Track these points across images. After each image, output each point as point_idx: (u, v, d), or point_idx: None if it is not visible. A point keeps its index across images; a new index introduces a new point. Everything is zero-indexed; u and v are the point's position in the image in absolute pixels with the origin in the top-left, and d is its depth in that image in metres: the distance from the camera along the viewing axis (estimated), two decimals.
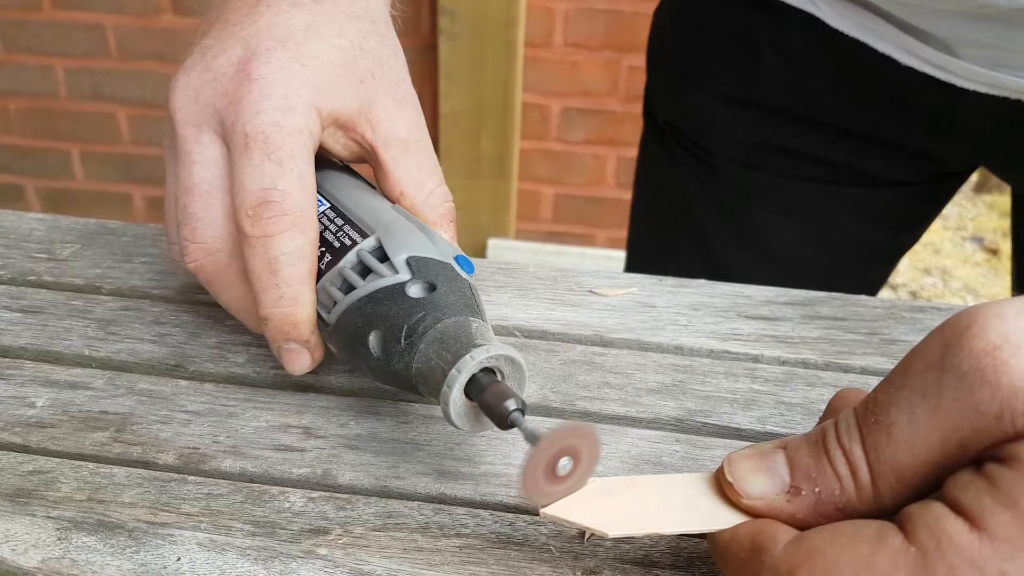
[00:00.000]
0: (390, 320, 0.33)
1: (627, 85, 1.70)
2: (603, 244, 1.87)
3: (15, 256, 0.47)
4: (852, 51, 0.56)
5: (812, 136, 0.62)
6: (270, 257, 0.34)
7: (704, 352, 0.42)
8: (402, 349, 0.32)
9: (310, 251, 0.35)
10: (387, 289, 0.33)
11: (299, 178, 0.34)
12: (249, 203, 0.34)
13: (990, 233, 2.28)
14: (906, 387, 0.25)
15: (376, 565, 0.30)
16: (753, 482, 0.27)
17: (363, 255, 0.35)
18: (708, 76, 0.64)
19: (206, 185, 0.35)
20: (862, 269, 0.70)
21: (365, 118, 0.38)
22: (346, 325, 0.34)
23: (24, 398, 0.38)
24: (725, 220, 0.67)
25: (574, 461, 0.28)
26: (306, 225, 0.34)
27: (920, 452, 0.25)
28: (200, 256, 0.36)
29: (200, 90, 0.36)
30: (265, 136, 0.34)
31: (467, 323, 0.32)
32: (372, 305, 0.33)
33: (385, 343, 0.33)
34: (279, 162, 0.34)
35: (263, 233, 0.34)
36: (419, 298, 0.33)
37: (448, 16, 1.63)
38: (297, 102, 0.35)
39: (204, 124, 0.36)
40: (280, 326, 0.35)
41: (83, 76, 1.83)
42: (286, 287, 0.34)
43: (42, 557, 0.30)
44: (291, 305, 0.35)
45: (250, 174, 0.34)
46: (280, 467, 0.35)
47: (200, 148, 0.36)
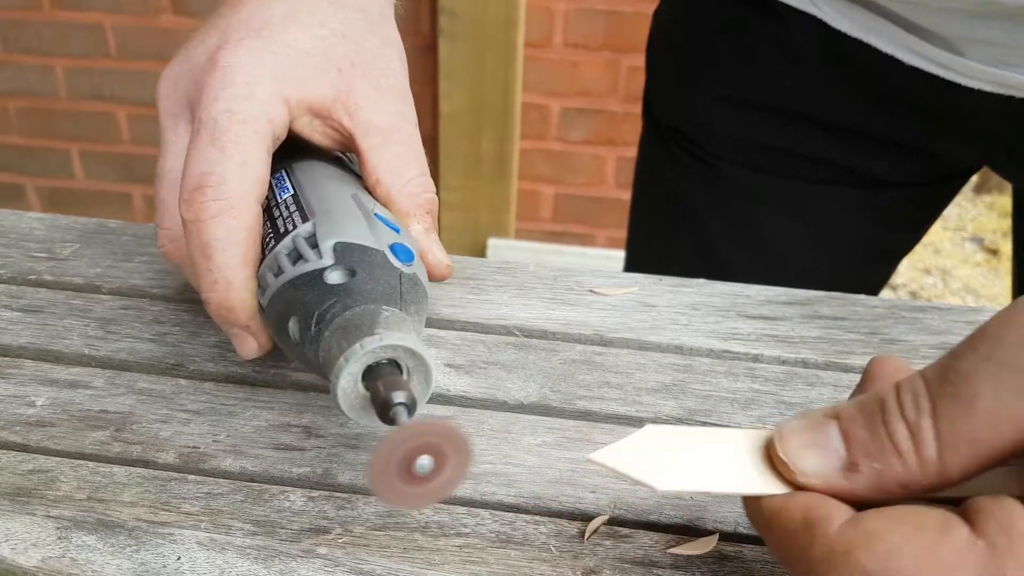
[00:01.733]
0: (305, 307, 0.32)
1: (627, 85, 1.70)
2: (603, 244, 1.87)
3: (15, 255, 0.47)
4: (854, 52, 0.56)
5: (813, 137, 0.62)
6: (203, 242, 0.34)
7: (704, 352, 0.42)
8: (311, 337, 0.31)
9: (244, 237, 0.34)
10: (307, 275, 0.33)
11: (239, 164, 0.34)
12: (187, 188, 0.34)
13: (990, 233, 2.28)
14: (995, 359, 0.24)
15: (376, 564, 0.30)
16: (807, 459, 0.25)
17: (297, 240, 0.34)
18: (709, 77, 0.64)
19: (175, 173, 0.36)
20: (863, 270, 0.70)
21: (342, 106, 0.37)
22: (273, 310, 0.34)
23: (24, 397, 0.38)
24: (726, 222, 0.67)
25: (437, 462, 0.25)
26: (239, 211, 0.34)
27: (1003, 427, 0.23)
28: (166, 242, 0.37)
29: (178, 80, 0.37)
30: (215, 122, 0.34)
31: (376, 311, 0.31)
32: (292, 291, 0.33)
33: (301, 330, 0.32)
34: (221, 148, 0.34)
35: (195, 217, 0.34)
36: (334, 285, 0.32)
37: (448, 16, 1.63)
38: (258, 90, 0.35)
39: (180, 113, 0.37)
40: (217, 311, 0.35)
41: (83, 76, 1.83)
42: (219, 272, 0.34)
43: (42, 556, 0.30)
44: (225, 290, 0.34)
45: (193, 159, 0.34)
46: (280, 466, 0.34)
47: (175, 137, 0.37)
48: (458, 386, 0.39)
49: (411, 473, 0.25)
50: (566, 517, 0.33)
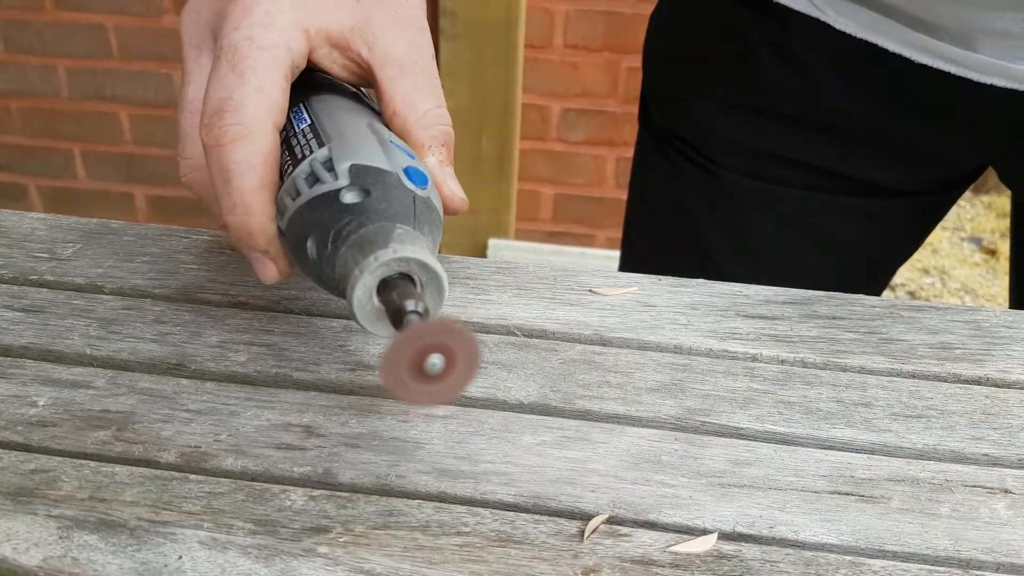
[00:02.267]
0: (322, 226, 0.33)
1: (627, 86, 1.70)
2: (603, 244, 1.87)
3: (17, 256, 0.47)
4: (859, 54, 0.55)
5: (813, 144, 0.61)
6: (222, 166, 0.35)
7: (703, 351, 0.42)
8: (328, 254, 0.32)
9: (261, 162, 0.35)
10: (324, 196, 0.33)
11: (257, 91, 0.35)
12: (207, 113, 0.35)
13: (988, 234, 2.28)
14: None
15: (377, 563, 0.31)
16: None
17: (314, 164, 0.34)
18: (708, 82, 0.63)
19: (197, 103, 0.37)
20: (861, 279, 0.69)
21: (360, 36, 0.38)
22: (291, 232, 0.34)
23: (26, 397, 0.38)
24: (723, 229, 0.66)
25: (447, 361, 0.26)
26: (257, 136, 0.35)
27: None
28: (188, 171, 0.38)
29: (200, 11, 0.37)
30: (235, 49, 0.35)
31: (390, 228, 0.32)
32: (310, 211, 0.34)
33: (318, 249, 0.33)
34: (240, 74, 0.35)
35: (215, 142, 0.34)
36: (350, 204, 0.33)
37: (449, 17, 1.64)
38: (279, 19, 0.36)
39: (203, 44, 0.37)
40: (237, 234, 0.36)
41: (85, 76, 1.83)
42: (238, 196, 0.35)
43: (43, 556, 0.31)
44: (243, 214, 0.35)
45: (213, 85, 0.35)
46: (281, 466, 0.35)
47: (197, 67, 0.37)
48: None
49: (423, 372, 0.26)
50: (566, 516, 0.33)
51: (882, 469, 0.36)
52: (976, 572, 0.32)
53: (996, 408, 0.39)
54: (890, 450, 0.37)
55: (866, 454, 0.36)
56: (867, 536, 0.33)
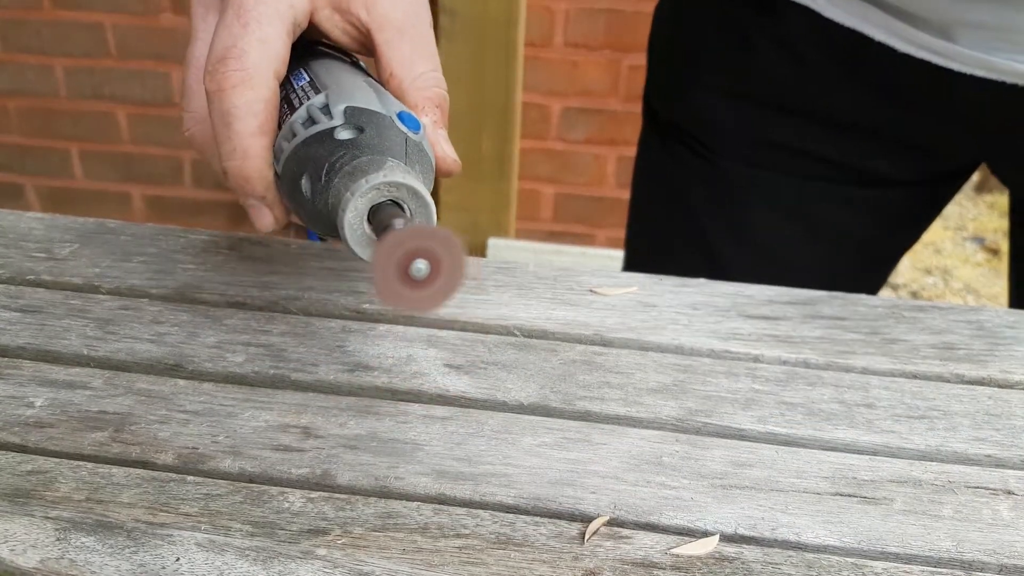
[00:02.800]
0: (317, 161, 0.34)
1: (627, 85, 1.70)
2: (603, 244, 1.87)
3: (14, 255, 0.47)
4: (849, 43, 0.56)
5: (812, 132, 0.62)
6: (223, 110, 0.36)
7: (705, 352, 0.42)
8: (322, 187, 0.33)
9: (262, 108, 0.36)
10: (319, 134, 0.34)
11: (260, 40, 0.36)
12: (211, 60, 0.36)
13: (991, 233, 2.28)
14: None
15: (375, 566, 0.30)
16: None
17: (311, 109, 0.36)
18: (707, 72, 0.64)
19: (202, 60, 0.38)
20: (862, 269, 0.70)
21: (360, 0, 0.39)
22: (287, 171, 0.35)
23: (23, 398, 0.38)
24: (723, 218, 0.67)
25: (432, 266, 0.27)
26: (258, 82, 0.36)
27: None
28: (191, 124, 0.39)
29: None
30: (241, 2, 0.36)
31: (382, 159, 0.32)
32: (305, 149, 0.34)
33: (312, 184, 0.34)
34: (245, 24, 0.36)
35: (218, 87, 0.35)
36: (344, 139, 0.34)
37: (448, 16, 1.63)
38: None
39: (211, 5, 0.39)
40: (235, 180, 0.36)
41: (83, 75, 1.83)
42: (237, 140, 0.36)
43: (41, 557, 0.30)
44: (242, 158, 0.36)
45: (218, 35, 0.36)
46: (279, 467, 0.34)
47: (204, 26, 0.39)
48: (458, 386, 0.39)
49: (409, 276, 0.27)
50: (566, 518, 0.33)
51: (884, 470, 0.35)
52: (979, 574, 0.31)
53: (999, 409, 0.39)
54: (892, 451, 0.36)
55: (868, 455, 0.36)
56: (869, 538, 0.32)
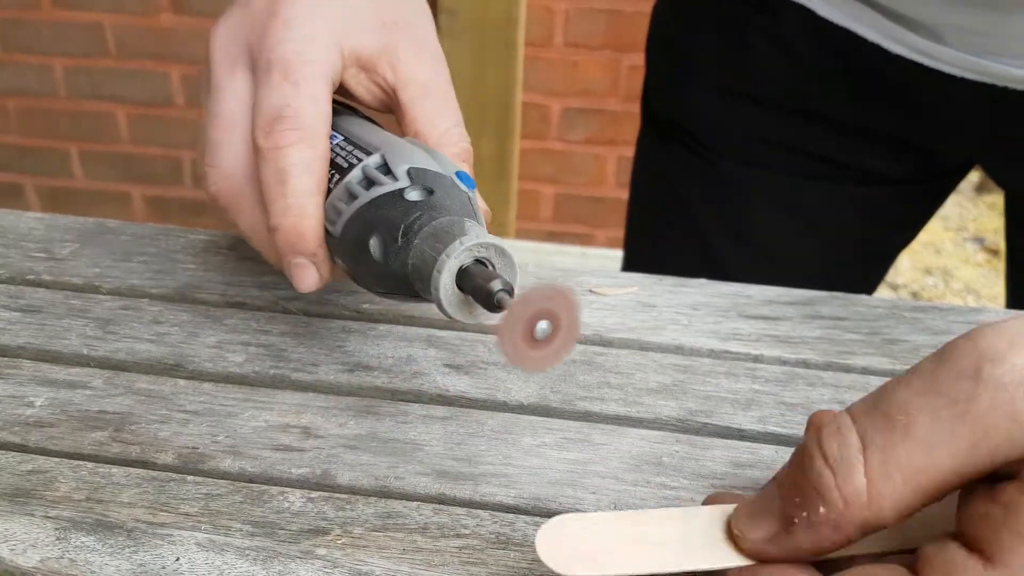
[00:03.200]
0: (389, 222, 0.34)
1: (627, 85, 1.70)
2: (603, 244, 1.87)
3: (14, 255, 0.47)
4: (843, 42, 0.56)
5: (808, 131, 0.62)
6: (280, 168, 0.35)
7: (705, 352, 0.42)
8: (399, 248, 0.33)
9: (319, 166, 0.36)
10: (387, 195, 0.34)
11: (312, 98, 0.36)
12: (264, 119, 0.36)
13: (991, 234, 2.28)
14: (931, 392, 0.24)
15: (375, 565, 0.30)
16: (752, 527, 0.26)
17: (368, 169, 0.36)
18: (705, 71, 0.64)
19: (230, 114, 0.38)
20: (859, 267, 0.70)
21: (387, 60, 0.39)
22: (350, 234, 0.35)
23: (23, 397, 0.38)
24: (721, 216, 0.67)
25: (553, 325, 0.27)
26: (315, 140, 0.36)
27: (938, 453, 0.24)
28: (218, 180, 0.38)
29: (235, 30, 0.38)
30: (285, 61, 0.36)
31: (461, 221, 0.33)
32: (373, 211, 0.34)
33: (384, 245, 0.34)
34: (295, 83, 0.36)
35: (274, 145, 0.35)
36: (416, 201, 0.34)
37: (448, 15, 1.63)
38: (319, 36, 0.37)
39: (238, 60, 0.38)
40: (287, 236, 0.36)
41: (82, 75, 1.83)
42: (293, 198, 0.36)
43: (40, 557, 0.30)
44: (298, 216, 0.36)
45: (267, 95, 0.36)
46: (279, 467, 0.34)
47: (231, 81, 0.38)
48: (458, 386, 0.39)
49: (534, 339, 0.27)
50: None
51: None
52: None
53: None
54: None
55: None
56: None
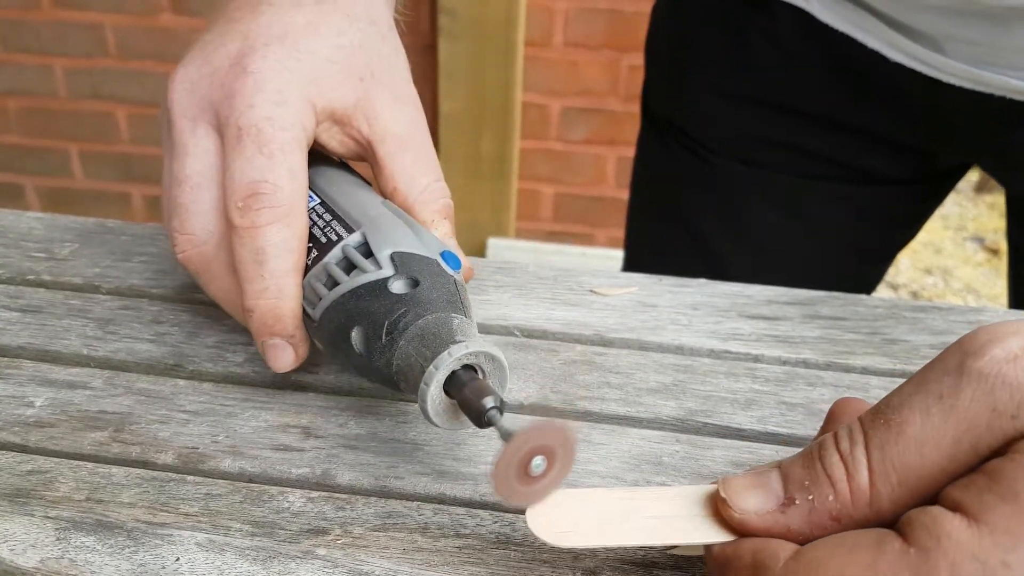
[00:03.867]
0: (372, 316, 0.33)
1: (627, 85, 1.70)
2: (603, 243, 1.87)
3: (14, 255, 0.47)
4: (842, 46, 0.57)
5: (806, 132, 0.62)
6: (257, 248, 0.34)
7: (705, 352, 0.42)
8: (383, 346, 0.32)
9: (297, 244, 0.35)
10: (369, 285, 0.33)
11: (289, 172, 0.35)
12: (239, 194, 0.34)
13: (991, 233, 2.28)
14: (921, 391, 0.25)
15: (375, 565, 0.30)
16: (746, 497, 0.27)
17: (348, 250, 0.34)
18: (703, 71, 0.64)
19: (197, 177, 0.36)
20: (858, 266, 0.70)
21: (362, 113, 0.38)
22: (330, 321, 0.34)
23: (23, 398, 0.38)
24: (720, 217, 0.67)
25: (548, 461, 0.27)
26: (294, 219, 0.35)
27: (929, 452, 0.25)
28: (188, 247, 0.37)
29: (197, 83, 0.36)
30: (258, 129, 0.35)
31: (448, 319, 0.32)
32: (355, 301, 0.33)
33: (367, 339, 0.33)
34: (270, 155, 0.34)
35: (251, 224, 0.34)
36: (401, 294, 0.33)
37: (448, 15, 1.63)
38: (290, 96, 0.35)
39: (200, 117, 0.36)
40: (264, 319, 0.35)
41: (82, 75, 1.83)
42: (271, 279, 0.34)
43: (41, 557, 0.30)
44: (276, 298, 0.35)
45: (241, 166, 0.34)
46: (279, 467, 0.34)
47: (195, 140, 0.36)
48: None
49: (528, 474, 0.27)
50: None
51: None
52: None
53: None
54: None
55: None
56: None
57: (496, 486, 0.27)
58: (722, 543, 0.27)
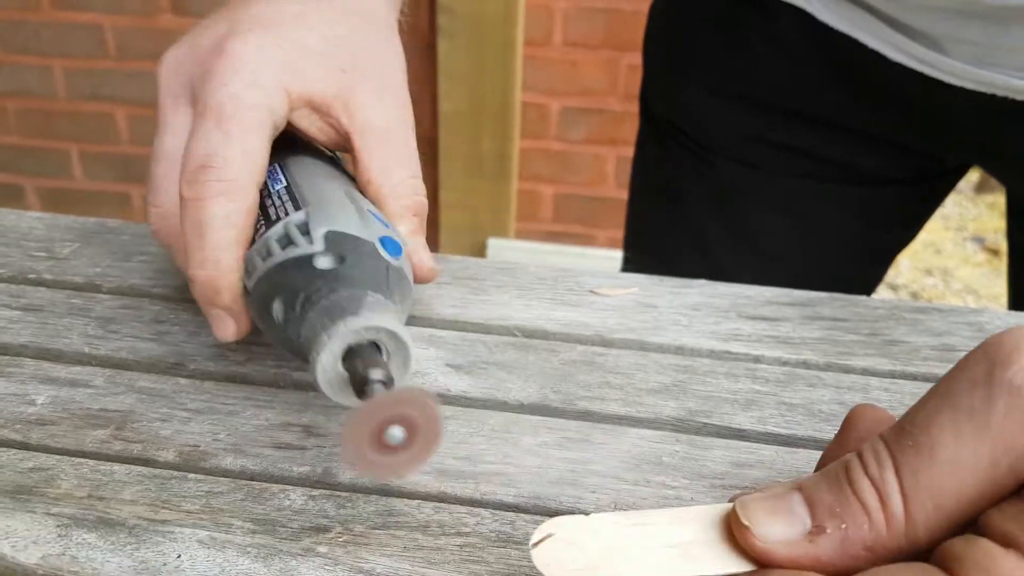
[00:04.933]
0: (292, 289, 0.33)
1: (627, 84, 1.70)
2: (603, 244, 1.87)
3: (15, 255, 0.47)
4: (842, 46, 0.57)
5: (806, 132, 0.62)
6: (199, 220, 0.35)
7: (705, 352, 0.42)
8: (296, 317, 0.32)
9: (239, 219, 0.35)
10: (297, 259, 0.33)
11: (241, 149, 0.35)
12: (190, 167, 0.35)
13: (991, 233, 2.28)
14: (948, 407, 0.23)
15: (376, 563, 0.30)
16: (771, 525, 0.24)
17: (289, 227, 0.34)
18: (701, 71, 0.64)
19: (173, 152, 0.37)
20: (857, 267, 0.70)
21: (342, 104, 0.38)
22: (259, 292, 0.34)
23: (24, 395, 0.38)
24: (719, 217, 0.67)
25: (408, 433, 0.26)
26: (238, 194, 0.35)
27: (965, 476, 0.23)
28: (157, 219, 0.38)
29: (181, 62, 0.37)
30: (220, 106, 0.35)
31: (361, 295, 0.31)
32: (280, 273, 0.33)
33: (284, 311, 0.33)
34: (227, 132, 0.35)
35: (196, 196, 0.34)
36: (324, 270, 0.33)
37: (447, 15, 1.63)
38: (264, 80, 0.36)
39: (180, 95, 0.37)
40: (203, 290, 0.35)
41: (82, 76, 1.83)
42: (210, 251, 0.35)
43: (42, 554, 0.30)
44: (213, 269, 0.35)
45: (197, 141, 0.35)
46: (280, 465, 0.34)
47: (175, 118, 0.37)
48: (458, 386, 0.39)
49: (383, 443, 0.26)
50: None
51: None
52: None
53: None
54: None
55: None
56: None
57: (344, 450, 0.25)
58: (748, 572, 0.25)
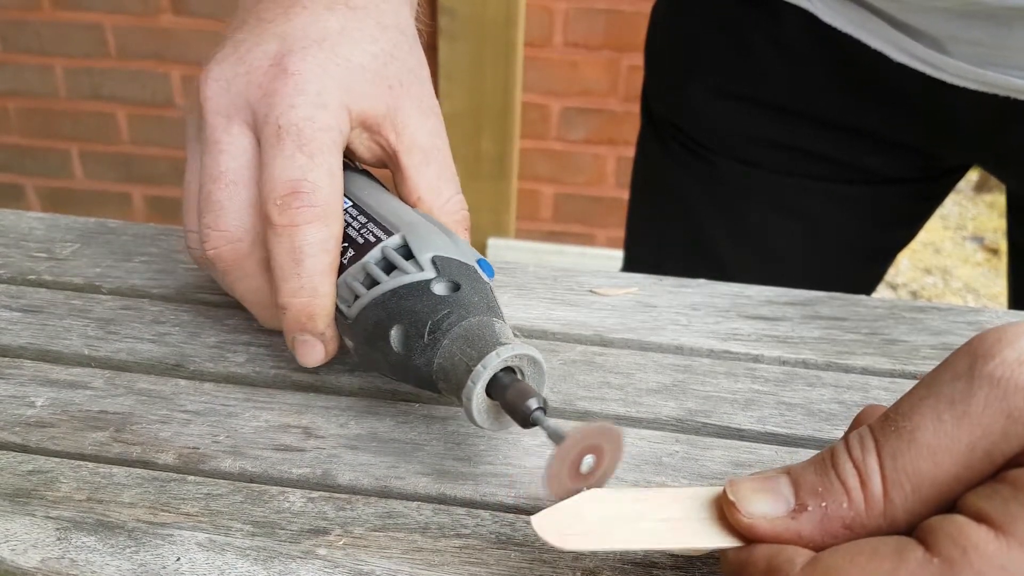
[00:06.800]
0: (414, 316, 0.33)
1: (627, 85, 1.70)
2: (603, 244, 1.87)
3: (15, 255, 0.47)
4: (845, 47, 0.57)
5: (808, 132, 0.62)
6: (295, 247, 0.34)
7: (704, 352, 0.42)
8: (425, 345, 0.33)
9: (334, 245, 0.35)
10: (412, 285, 0.34)
11: (328, 172, 0.35)
12: (278, 192, 0.34)
13: (990, 233, 2.28)
14: (932, 396, 0.25)
15: (376, 565, 0.30)
16: (756, 503, 0.26)
17: (388, 252, 0.35)
18: (704, 71, 0.64)
19: (232, 174, 0.36)
20: (858, 266, 0.70)
21: (391, 122, 0.38)
22: (367, 319, 0.35)
23: (24, 397, 0.38)
24: (721, 217, 0.68)
25: (597, 459, 0.28)
26: (332, 219, 0.35)
27: (942, 459, 0.24)
28: (221, 244, 0.36)
29: (232, 81, 0.36)
30: (298, 129, 0.35)
31: (491, 322, 0.33)
32: (396, 300, 0.34)
33: (407, 338, 0.33)
34: (311, 155, 0.35)
35: (290, 222, 0.34)
36: (444, 295, 0.33)
37: (448, 16, 1.63)
38: (329, 99, 0.36)
39: (235, 115, 0.36)
40: (297, 317, 0.35)
41: (82, 76, 1.83)
42: (307, 278, 0.35)
43: (41, 557, 0.30)
44: (310, 296, 0.35)
45: (281, 164, 0.35)
46: (280, 467, 0.34)
47: (229, 138, 0.36)
48: None
49: (578, 472, 0.28)
50: None
51: None
52: None
53: None
54: None
55: None
56: None
57: (550, 486, 0.27)
58: (736, 547, 0.27)
